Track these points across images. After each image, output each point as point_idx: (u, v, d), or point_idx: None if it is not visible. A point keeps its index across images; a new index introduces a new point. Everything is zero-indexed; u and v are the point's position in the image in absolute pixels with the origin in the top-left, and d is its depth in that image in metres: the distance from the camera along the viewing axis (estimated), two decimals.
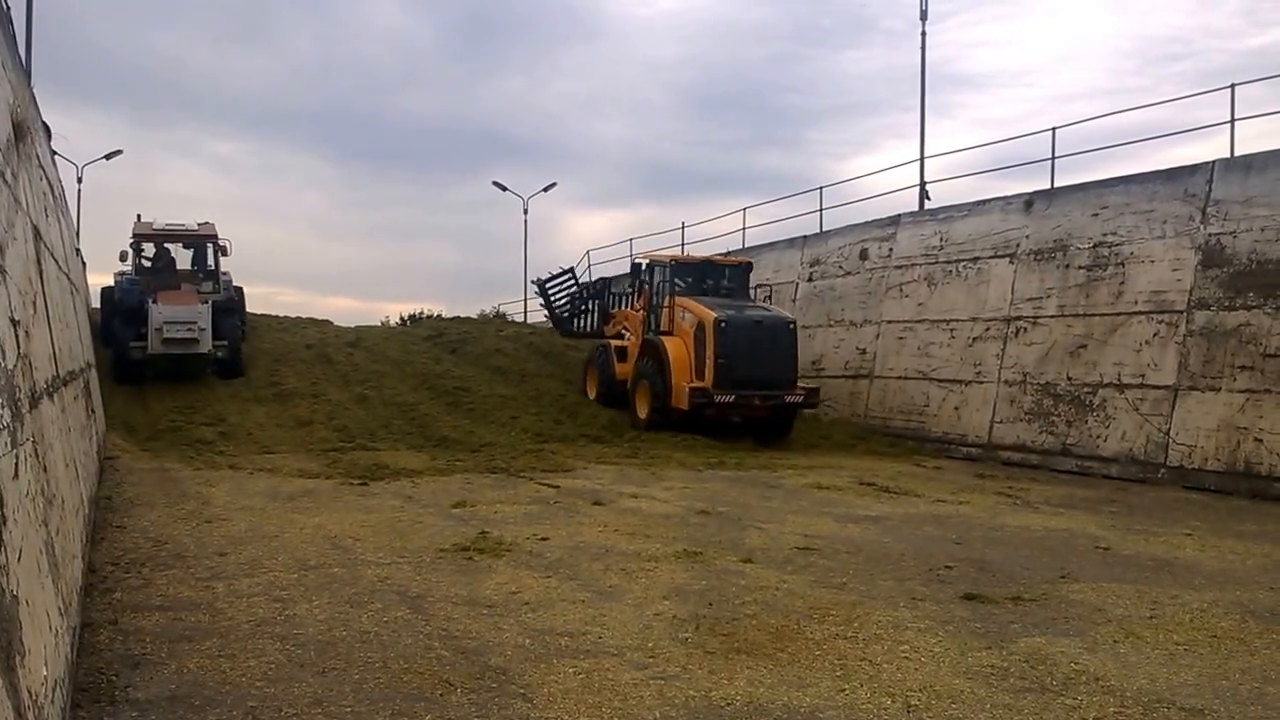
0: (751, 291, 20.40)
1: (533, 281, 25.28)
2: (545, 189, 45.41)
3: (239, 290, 23.09)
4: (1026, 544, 9.11)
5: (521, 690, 4.73)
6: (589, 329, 23.49)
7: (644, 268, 20.88)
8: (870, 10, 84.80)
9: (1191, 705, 4.68)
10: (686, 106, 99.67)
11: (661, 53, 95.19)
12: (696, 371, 17.84)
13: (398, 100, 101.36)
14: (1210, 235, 14.92)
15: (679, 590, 6.78)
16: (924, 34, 24.07)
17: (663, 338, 18.82)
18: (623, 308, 22.58)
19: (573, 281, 24.32)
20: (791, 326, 18.51)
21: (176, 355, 19.46)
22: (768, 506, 10.92)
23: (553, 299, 24.20)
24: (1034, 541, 9.26)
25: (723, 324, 17.52)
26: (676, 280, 19.54)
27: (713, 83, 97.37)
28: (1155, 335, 15.40)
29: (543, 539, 8.51)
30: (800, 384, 18.42)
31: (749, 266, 20.68)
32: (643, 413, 18.81)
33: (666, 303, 19.23)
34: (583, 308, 23.80)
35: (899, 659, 5.34)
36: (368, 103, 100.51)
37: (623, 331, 21.47)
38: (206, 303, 20.11)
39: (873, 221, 22.29)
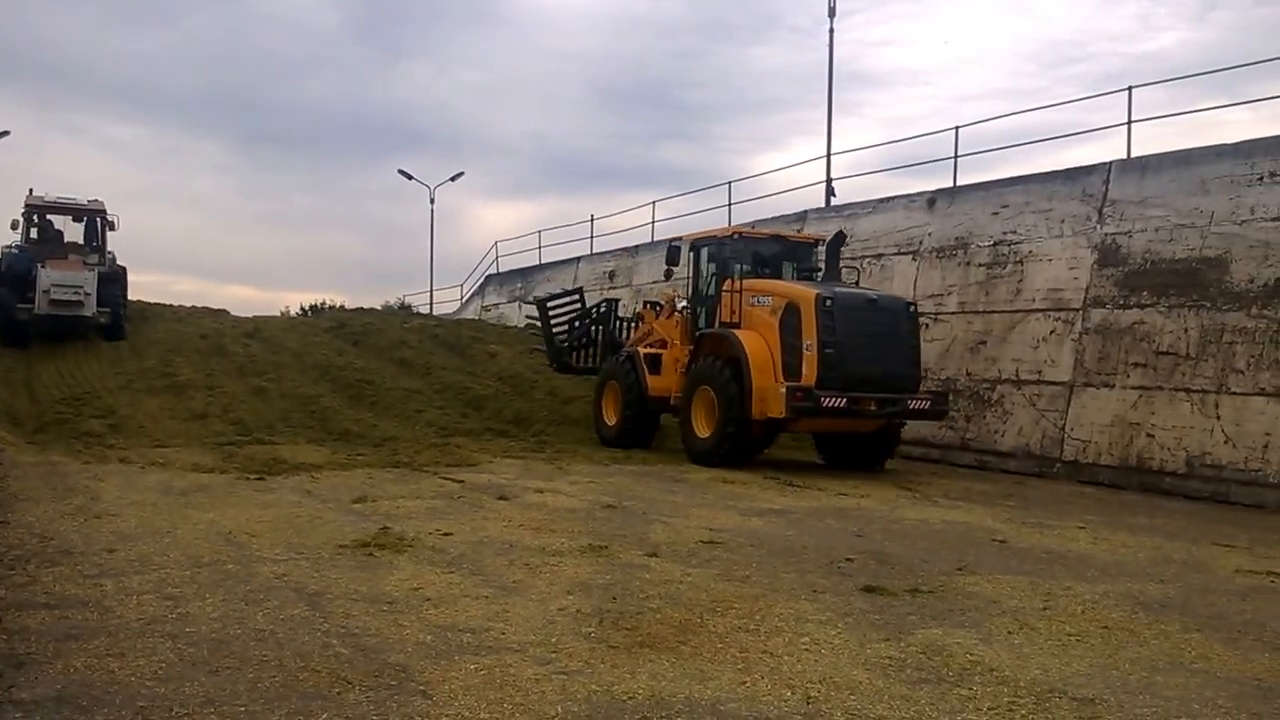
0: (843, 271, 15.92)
1: (531, 300, 21.69)
2: (452, 178, 44.91)
3: (122, 269, 23.84)
4: (925, 537, 9.29)
5: (421, 687, 4.64)
6: (592, 362, 19.11)
7: (688, 248, 16.50)
8: (775, 6, 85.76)
9: (1083, 695, 4.81)
10: (594, 99, 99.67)
11: (569, 44, 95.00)
12: (786, 370, 13.71)
13: (300, 85, 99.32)
14: (1106, 235, 15.43)
15: (583, 585, 6.74)
16: (831, 31, 24.44)
17: (730, 330, 14.63)
18: (634, 322, 18.58)
19: (578, 304, 19.93)
20: (912, 310, 14.44)
21: (62, 317, 20.88)
22: (673, 501, 10.95)
23: (554, 322, 19.58)
24: (933, 534, 9.45)
25: (827, 302, 13.45)
26: (736, 262, 15.42)
27: (620, 76, 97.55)
28: (1052, 332, 15.88)
29: (446, 534, 8.38)
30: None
31: (840, 238, 15.80)
32: (704, 430, 14.48)
33: (729, 287, 14.91)
34: (584, 338, 19.33)
35: (799, 651, 5.38)
36: (268, 87, 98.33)
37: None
38: (93, 270, 21.70)
39: (780, 217, 22.55)
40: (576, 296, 20.13)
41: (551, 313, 19.53)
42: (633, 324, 18.67)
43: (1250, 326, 13.35)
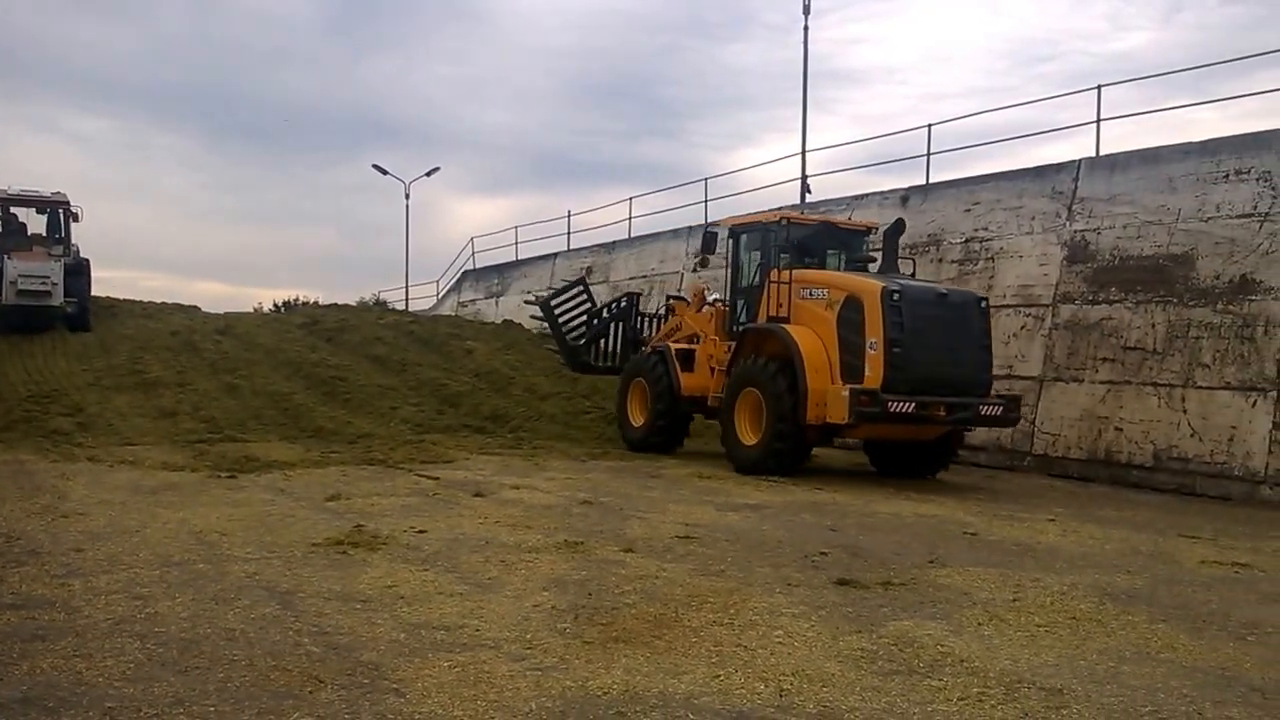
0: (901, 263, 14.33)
1: (532, 300, 20.09)
2: (428, 174, 44.89)
3: (86, 260, 23.99)
4: (898, 530, 9.36)
5: (394, 685, 4.63)
6: (611, 360, 18.09)
7: (726, 235, 15.31)
8: (751, 3, 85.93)
9: (1051, 685, 4.86)
10: (571, 94, 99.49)
11: (546, 39, 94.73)
12: (844, 370, 12.49)
13: (271, 78, 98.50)
14: (1075, 232, 15.58)
15: (559, 581, 6.74)
16: (806, 29, 24.51)
17: (779, 325, 13.36)
18: (656, 319, 17.64)
19: (585, 297, 18.91)
20: (984, 305, 13.14)
21: (29, 308, 21.29)
22: (649, 496, 10.97)
23: (562, 321, 18.51)
24: (905, 527, 9.52)
25: (894, 296, 12.23)
26: (782, 250, 14.10)
27: (597, 71, 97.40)
28: (1022, 328, 16.02)
29: (421, 532, 8.36)
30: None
31: (899, 226, 14.41)
32: (750, 436, 13.36)
33: (776, 277, 13.62)
34: (602, 334, 18.22)
35: (773, 644, 5.41)
36: (239, 80, 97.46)
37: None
38: (59, 260, 22.17)
39: (756, 213, 22.57)
40: (581, 289, 19.10)
41: (559, 312, 18.50)
42: (655, 319, 17.77)
43: (1216, 322, 13.51)
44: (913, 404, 11.97)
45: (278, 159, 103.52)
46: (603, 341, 18.22)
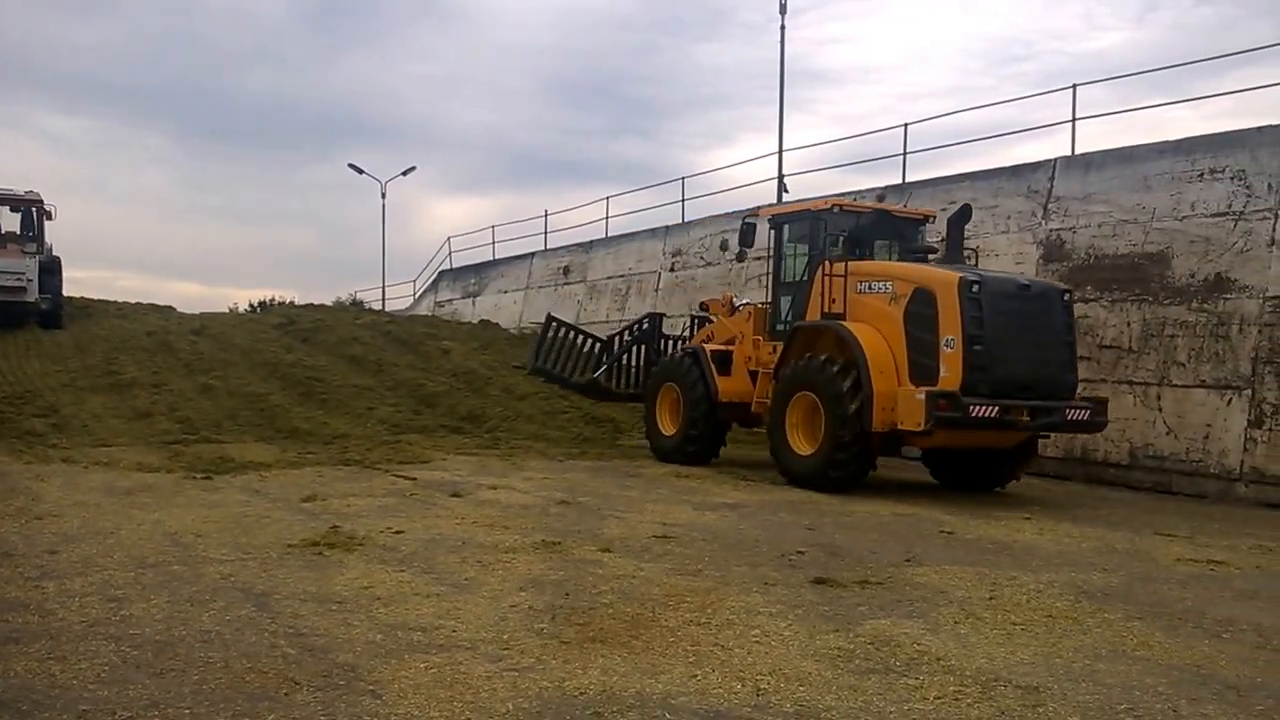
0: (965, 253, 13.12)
1: (519, 365, 18.45)
2: (404, 173, 44.74)
3: (58, 259, 24.10)
4: (875, 529, 9.39)
5: (370, 687, 4.61)
6: (632, 384, 16.85)
7: (767, 225, 14.05)
8: (727, 2, 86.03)
9: (1027, 683, 4.89)
10: (548, 93, 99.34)
11: (522, 37, 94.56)
12: (914, 371, 11.33)
13: (246, 76, 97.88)
14: (1051, 230, 15.67)
15: (536, 581, 6.73)
16: (783, 28, 24.60)
17: (836, 322, 12.15)
18: (681, 340, 16.21)
19: (569, 334, 17.39)
20: (1068, 298, 11.92)
21: (3, 303, 21.86)
22: (627, 496, 10.96)
23: (557, 370, 17.22)
24: (882, 526, 9.56)
25: (974, 288, 11.08)
26: (834, 241, 12.96)
27: (574, 70, 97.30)
28: None
29: (397, 532, 8.32)
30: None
31: (965, 214, 13.12)
32: (805, 446, 12.07)
33: (829, 270, 12.37)
34: (622, 355, 16.90)
35: (750, 643, 5.41)
36: (213, 78, 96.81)
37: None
38: (34, 257, 22.68)
39: (733, 213, 22.60)
40: (557, 327, 17.37)
41: (548, 366, 17.05)
42: (681, 341, 16.37)
43: (1191, 320, 13.62)
44: (996, 408, 10.80)
45: (253, 158, 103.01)
46: (619, 362, 16.92)
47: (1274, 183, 13.11)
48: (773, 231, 13.93)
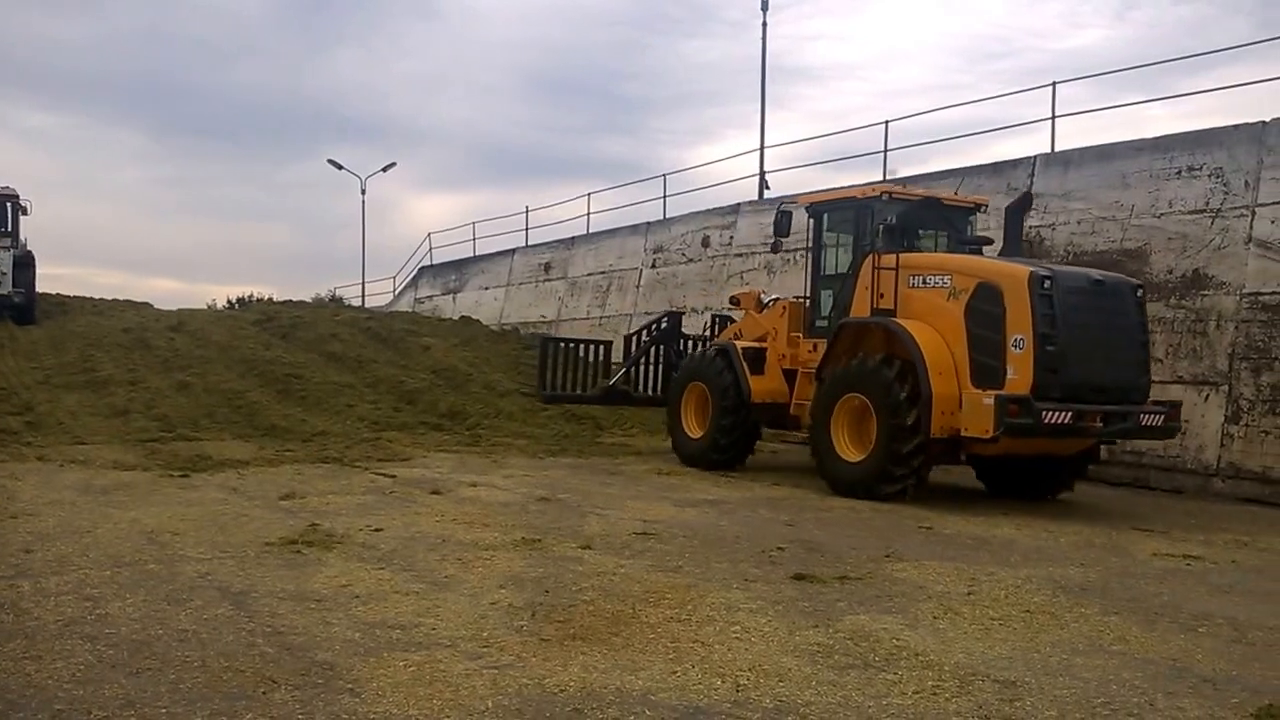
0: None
1: (542, 399, 17.09)
2: (384, 169, 44.31)
3: (31, 254, 24.40)
4: (855, 524, 9.42)
5: (349, 685, 4.59)
6: (650, 389, 16.18)
7: (806, 214, 13.16)
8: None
9: (1005, 677, 4.91)
10: (529, 90, 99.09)
11: (504, 34, 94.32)
12: (977, 373, 10.47)
13: (225, 72, 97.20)
14: (1030, 227, 15.72)
15: (516, 578, 6.71)
16: (765, 25, 24.63)
17: (888, 319, 11.34)
18: (703, 340, 15.62)
19: (571, 346, 16.72)
20: (1141, 295, 11.13)
21: None
22: (608, 493, 10.96)
23: (566, 390, 16.44)
24: (862, 522, 9.59)
25: (1045, 283, 10.24)
26: (879, 231, 11.89)
27: (556, 67, 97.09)
28: None
29: (376, 530, 8.29)
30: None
31: (1026, 202, 12.67)
32: (853, 452, 11.21)
33: (879, 263, 11.56)
34: (640, 357, 16.17)
35: (730, 640, 5.42)
36: (192, 74, 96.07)
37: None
38: (8, 251, 23.14)
39: (714, 209, 22.65)
40: (559, 344, 16.67)
41: (558, 392, 16.30)
42: (702, 341, 15.84)
43: (1169, 316, 13.71)
44: (1070, 413, 10.01)
45: (232, 154, 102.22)
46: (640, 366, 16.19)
47: (1251, 180, 13.22)
48: (812, 221, 13.09)
